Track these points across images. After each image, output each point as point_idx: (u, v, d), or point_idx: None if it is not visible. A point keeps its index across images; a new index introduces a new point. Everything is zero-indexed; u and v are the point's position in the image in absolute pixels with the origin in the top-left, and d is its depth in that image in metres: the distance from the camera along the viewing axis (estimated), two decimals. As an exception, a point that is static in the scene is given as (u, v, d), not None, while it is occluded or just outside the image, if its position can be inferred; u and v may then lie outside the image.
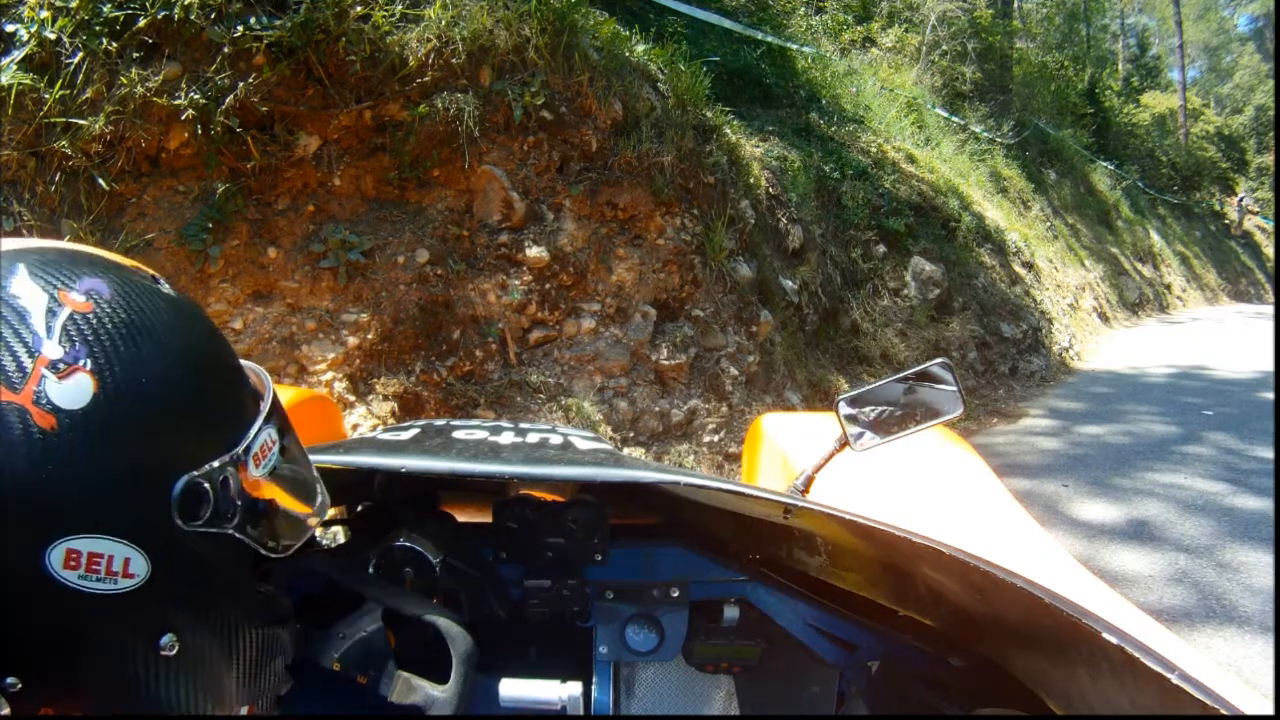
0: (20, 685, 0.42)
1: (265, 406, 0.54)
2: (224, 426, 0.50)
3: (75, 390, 0.41)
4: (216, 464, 0.48)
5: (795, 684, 1.04)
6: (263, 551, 0.52)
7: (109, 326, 0.44)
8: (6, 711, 0.42)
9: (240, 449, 0.50)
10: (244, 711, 0.55)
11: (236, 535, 0.49)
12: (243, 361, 0.56)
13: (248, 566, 0.54)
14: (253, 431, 0.51)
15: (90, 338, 0.43)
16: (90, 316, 0.44)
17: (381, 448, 0.84)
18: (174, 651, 0.47)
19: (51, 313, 0.43)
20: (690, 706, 1.09)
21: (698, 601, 0.99)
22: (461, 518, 1.02)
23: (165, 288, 0.51)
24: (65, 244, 0.49)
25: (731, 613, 0.98)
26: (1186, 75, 27.43)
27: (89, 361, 0.42)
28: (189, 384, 0.48)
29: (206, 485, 0.47)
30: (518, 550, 0.96)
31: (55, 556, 0.40)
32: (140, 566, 0.44)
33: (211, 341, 0.52)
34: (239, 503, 0.49)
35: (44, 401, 0.41)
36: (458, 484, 1.06)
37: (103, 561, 0.42)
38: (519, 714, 0.92)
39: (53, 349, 0.42)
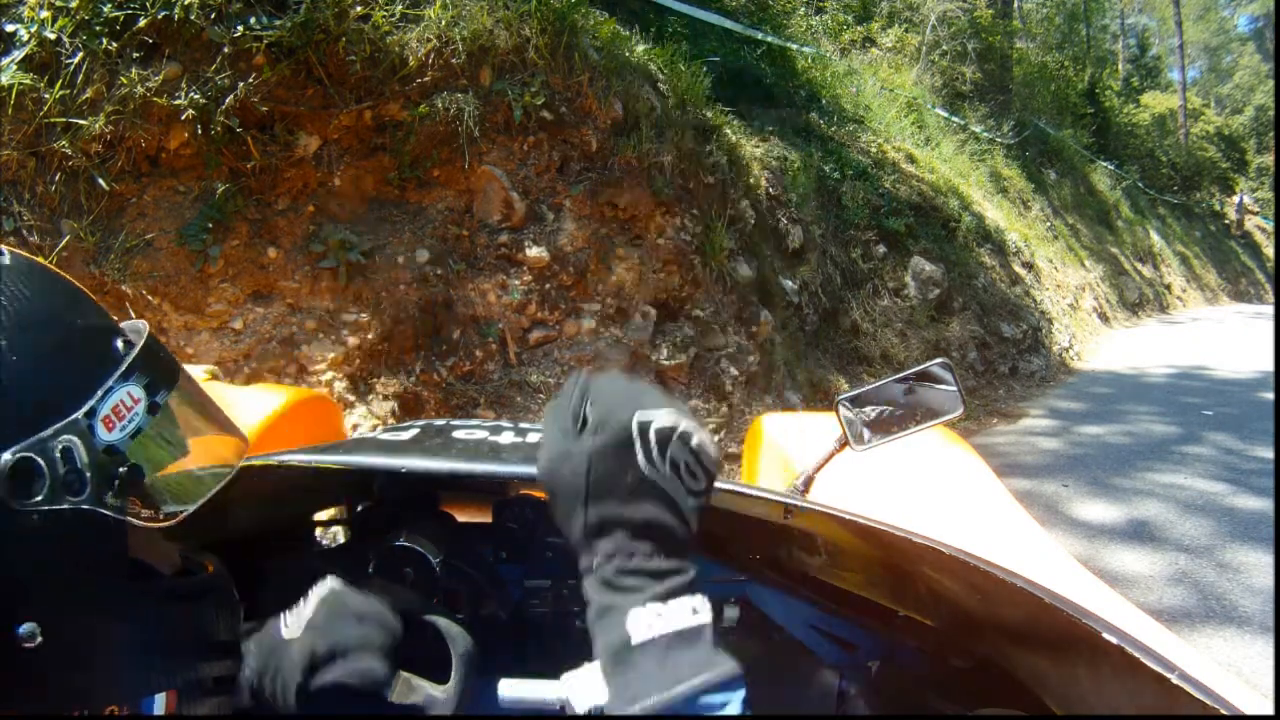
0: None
1: (124, 365, 0.49)
2: (58, 391, 0.45)
3: None
4: (48, 433, 0.43)
5: (795, 684, 1.04)
6: (139, 522, 0.48)
7: None
8: None
9: (79, 414, 0.45)
10: (160, 699, 0.50)
11: (92, 509, 0.45)
12: (120, 321, 0.52)
13: (124, 539, 0.48)
14: (99, 393, 0.46)
15: None
16: None
17: (381, 448, 0.84)
18: (36, 642, 0.42)
19: None
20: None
21: None
22: (461, 518, 1.02)
23: (5, 258, 0.47)
24: None
25: (731, 613, 0.98)
26: (1186, 75, 27.45)
27: None
28: (10, 351, 0.43)
29: (39, 459, 0.42)
30: (518, 550, 0.96)
31: None
32: None
33: (45, 302, 0.47)
34: (87, 474, 0.45)
35: None
36: (458, 484, 1.06)
37: None
38: (519, 714, 0.92)
39: None
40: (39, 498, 0.42)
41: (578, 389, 0.54)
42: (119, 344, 0.50)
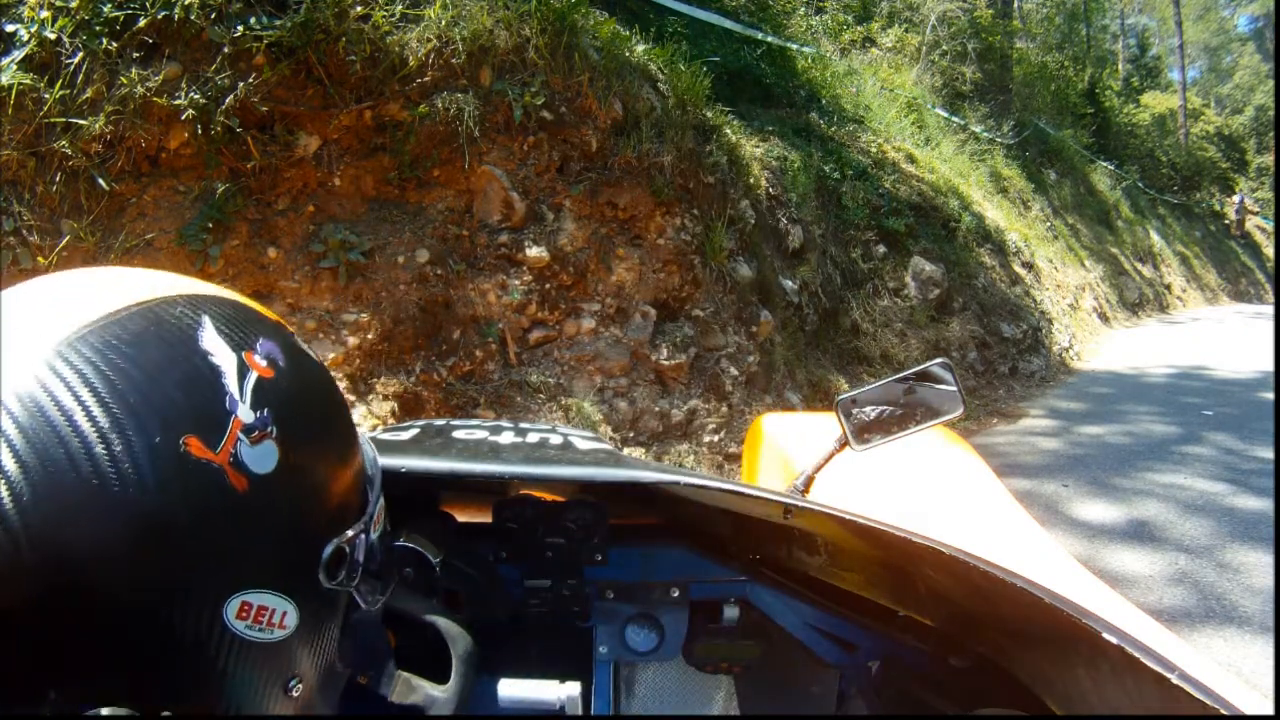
0: (171, 717, 0.43)
1: (378, 474, 0.57)
2: (357, 493, 0.54)
3: (264, 456, 0.44)
4: (352, 531, 0.51)
5: (795, 684, 1.04)
6: (364, 606, 0.56)
7: (286, 395, 0.47)
8: None
9: (368, 515, 0.54)
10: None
11: (353, 593, 0.53)
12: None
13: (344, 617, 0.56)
14: (374, 499, 0.55)
15: (273, 405, 0.45)
16: (270, 383, 0.46)
17: (381, 448, 0.84)
18: (297, 694, 0.50)
19: (243, 375, 0.44)
20: (690, 706, 1.09)
21: (698, 601, 0.99)
22: (461, 518, 1.02)
23: (305, 347, 0.53)
24: (230, 294, 0.50)
25: (731, 613, 0.98)
26: (1186, 75, 27.44)
27: (275, 429, 0.45)
28: (339, 453, 0.51)
29: (348, 549, 0.51)
30: (518, 550, 0.96)
31: (232, 607, 0.43)
32: (293, 619, 0.47)
33: (342, 407, 0.54)
34: (361, 563, 0.53)
35: (239, 464, 0.42)
36: (458, 484, 1.06)
37: (268, 614, 0.45)
38: (519, 714, 0.92)
39: (246, 413, 0.44)
40: (338, 580, 0.50)
41: None
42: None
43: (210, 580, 0.43)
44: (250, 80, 2.62)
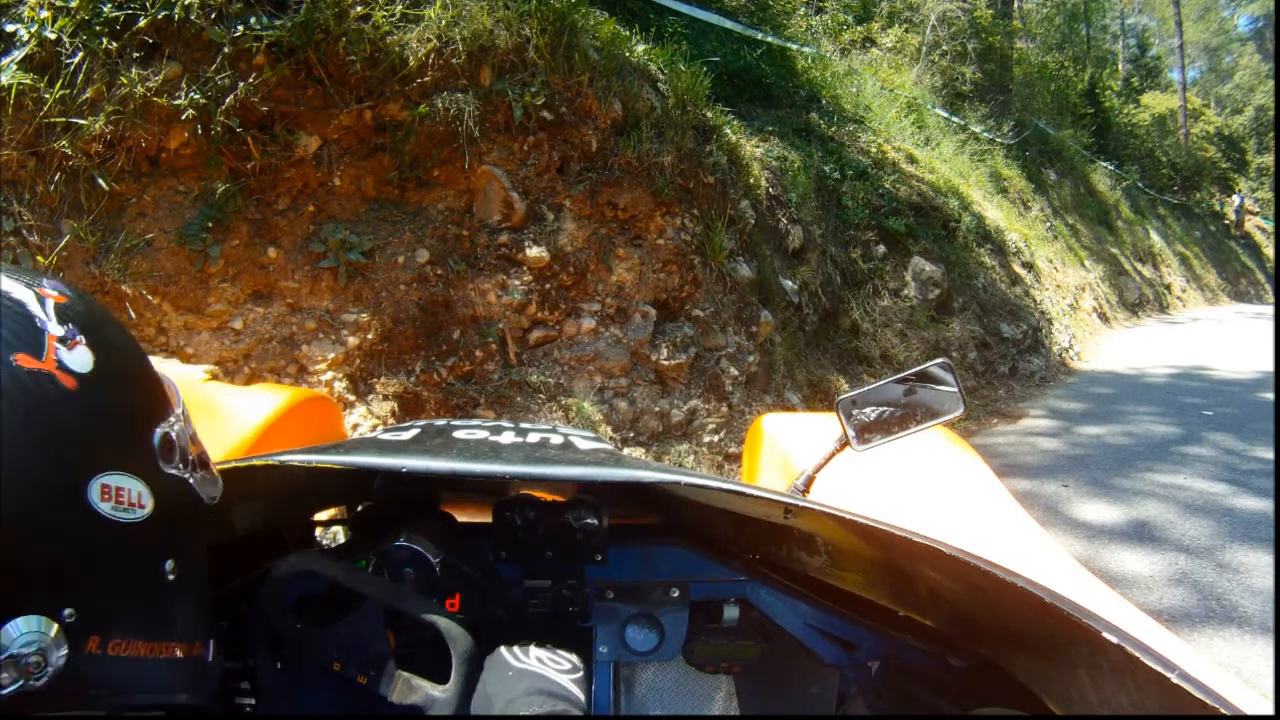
0: (75, 615, 0.47)
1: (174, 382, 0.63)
2: (165, 389, 0.60)
3: (83, 358, 0.51)
4: (172, 419, 0.58)
5: (795, 684, 1.04)
6: (205, 499, 0.61)
7: (82, 312, 0.53)
8: (65, 651, 0.47)
9: (181, 409, 0.60)
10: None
11: (190, 480, 0.58)
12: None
13: (204, 507, 0.62)
14: (178, 395, 0.61)
15: (74, 319, 0.52)
16: (67, 305, 0.53)
17: (382, 448, 0.84)
18: (173, 576, 0.55)
19: (41, 301, 0.51)
20: (690, 706, 1.09)
21: (698, 601, 0.99)
22: (461, 518, 1.02)
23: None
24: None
25: (731, 613, 0.98)
26: (1186, 75, 27.44)
27: (83, 336, 0.52)
28: (139, 355, 0.58)
29: (173, 435, 0.57)
30: (518, 550, 0.96)
31: (94, 491, 0.49)
32: (148, 500, 0.53)
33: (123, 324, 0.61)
34: (190, 454, 0.59)
35: (64, 367, 0.49)
36: (458, 484, 1.06)
37: (126, 493, 0.51)
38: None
39: (55, 328, 0.50)
40: (172, 465, 0.57)
41: None
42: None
43: (67, 468, 0.48)
44: (250, 80, 2.62)
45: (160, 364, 0.62)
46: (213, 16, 2.57)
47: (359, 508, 1.07)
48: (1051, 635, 0.62)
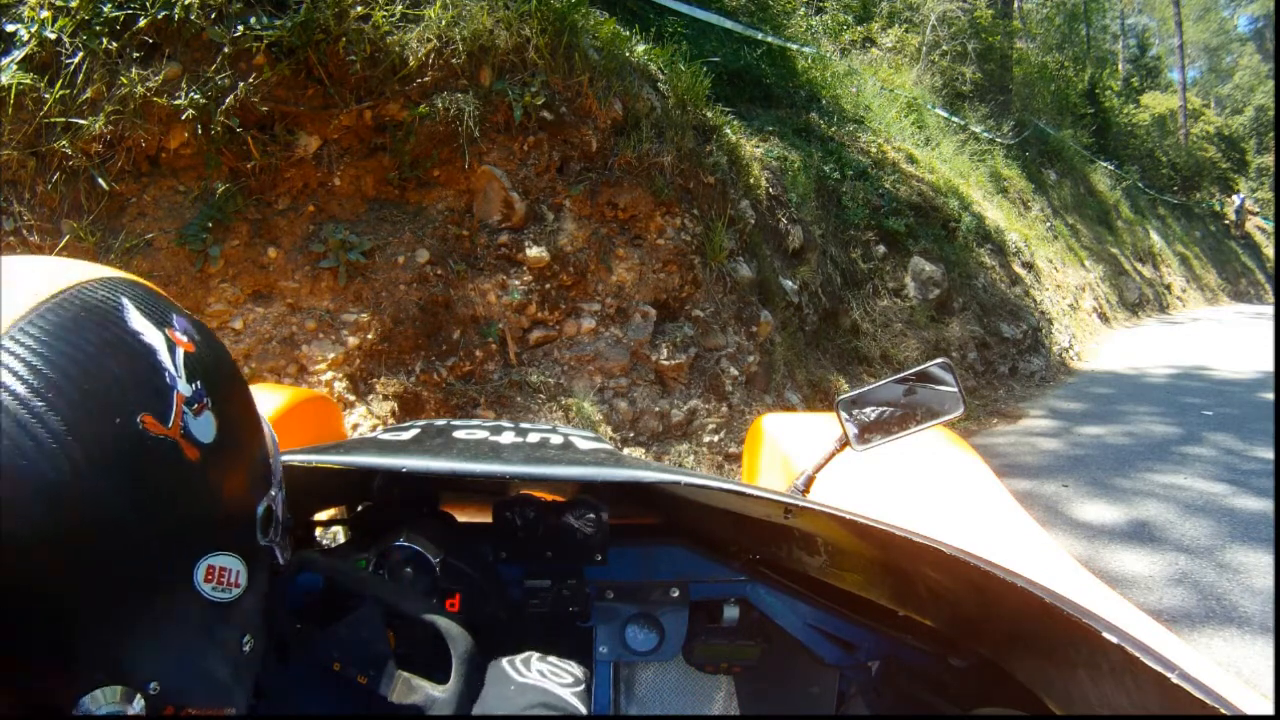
0: (159, 689, 0.46)
1: (274, 436, 0.60)
2: (272, 454, 0.57)
3: (207, 426, 0.47)
4: (274, 490, 0.55)
5: (795, 684, 1.04)
6: (281, 562, 0.58)
7: (209, 366, 0.49)
8: (139, 712, 0.44)
9: (278, 475, 0.57)
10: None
11: (275, 549, 0.56)
12: None
13: (276, 576, 0.60)
14: (276, 459, 0.58)
15: (202, 377, 0.48)
16: (195, 356, 0.48)
17: (382, 448, 0.84)
18: (249, 650, 0.53)
19: (171, 349, 0.46)
20: (690, 706, 1.09)
21: (698, 601, 0.99)
22: (461, 518, 1.02)
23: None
24: (128, 275, 0.52)
25: (731, 613, 0.98)
26: (1186, 75, 27.44)
27: (209, 398, 0.47)
28: (256, 418, 0.55)
29: (275, 509, 0.55)
30: (518, 550, 0.96)
31: (200, 572, 0.47)
32: (244, 578, 0.51)
33: (242, 375, 0.57)
34: (281, 523, 0.57)
35: (189, 435, 0.45)
36: (458, 484, 1.06)
37: (228, 574, 0.49)
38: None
39: (184, 387, 0.46)
40: (268, 538, 0.55)
41: None
42: None
43: (181, 549, 0.45)
44: (250, 80, 2.62)
45: None
46: (213, 16, 2.57)
47: (359, 508, 1.07)
48: (1051, 635, 0.62)
